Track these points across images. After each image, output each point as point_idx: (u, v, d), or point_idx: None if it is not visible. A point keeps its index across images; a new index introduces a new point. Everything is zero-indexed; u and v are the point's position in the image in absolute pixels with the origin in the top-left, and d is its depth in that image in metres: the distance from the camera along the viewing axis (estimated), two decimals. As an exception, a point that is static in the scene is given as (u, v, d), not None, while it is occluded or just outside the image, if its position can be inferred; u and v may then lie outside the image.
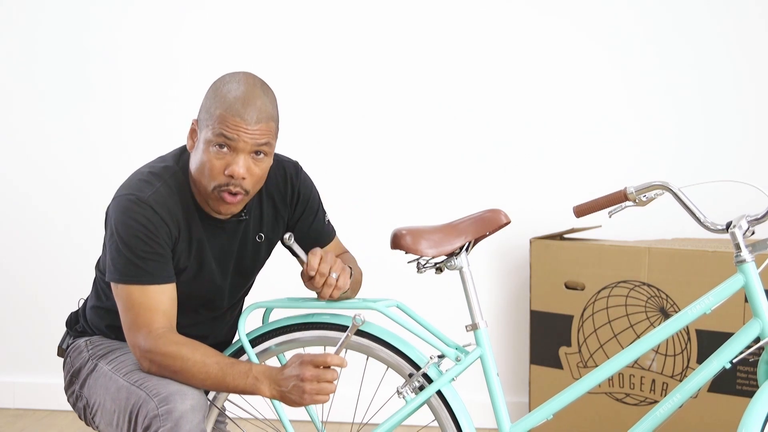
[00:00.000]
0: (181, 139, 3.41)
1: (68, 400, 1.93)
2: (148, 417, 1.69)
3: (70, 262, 3.26)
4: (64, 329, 2.03)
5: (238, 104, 1.70)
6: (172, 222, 1.76)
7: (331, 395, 1.70)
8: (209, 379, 1.71)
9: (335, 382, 1.70)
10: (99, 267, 1.93)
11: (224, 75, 1.78)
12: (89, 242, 3.23)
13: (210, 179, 1.73)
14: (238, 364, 1.72)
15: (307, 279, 1.78)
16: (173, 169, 1.81)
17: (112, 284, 1.77)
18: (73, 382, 1.90)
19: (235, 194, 1.73)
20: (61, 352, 1.99)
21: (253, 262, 1.94)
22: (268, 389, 1.71)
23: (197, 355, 1.71)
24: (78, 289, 2.19)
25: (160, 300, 1.74)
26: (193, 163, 1.77)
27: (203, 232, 1.82)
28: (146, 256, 1.72)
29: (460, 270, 1.85)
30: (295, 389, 1.68)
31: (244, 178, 1.71)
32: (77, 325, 1.99)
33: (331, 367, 1.70)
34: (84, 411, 1.88)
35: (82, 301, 2.04)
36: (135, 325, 1.73)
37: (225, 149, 1.70)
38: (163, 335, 1.72)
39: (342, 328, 1.87)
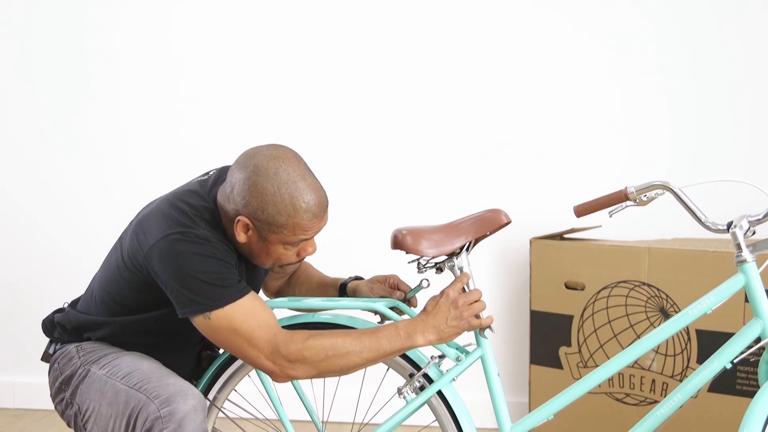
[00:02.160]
0: (182, 140, 3.41)
1: (56, 408, 1.89)
2: (149, 420, 1.68)
3: (70, 263, 3.26)
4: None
5: (313, 208, 1.72)
6: (229, 250, 1.76)
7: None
8: (365, 350, 1.70)
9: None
10: (107, 287, 1.88)
11: (275, 165, 1.72)
12: (88, 244, 3.23)
13: (279, 263, 1.81)
14: (382, 329, 1.74)
15: (391, 289, 1.98)
16: (210, 208, 1.79)
17: (202, 319, 1.70)
18: (63, 389, 1.86)
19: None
20: (47, 357, 1.94)
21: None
22: (422, 339, 1.74)
23: (335, 336, 1.71)
24: (77, 290, 2.18)
25: (259, 308, 1.72)
26: (253, 251, 1.79)
27: (240, 261, 1.84)
28: (226, 277, 1.71)
29: (461, 270, 1.85)
30: (455, 320, 1.75)
31: None
32: (55, 332, 1.94)
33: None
34: (75, 418, 1.84)
35: (66, 305, 1.97)
36: (257, 345, 1.69)
37: (297, 243, 1.77)
38: (292, 336, 1.71)
39: (340, 328, 1.87)
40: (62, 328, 1.93)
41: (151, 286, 1.77)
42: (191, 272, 1.68)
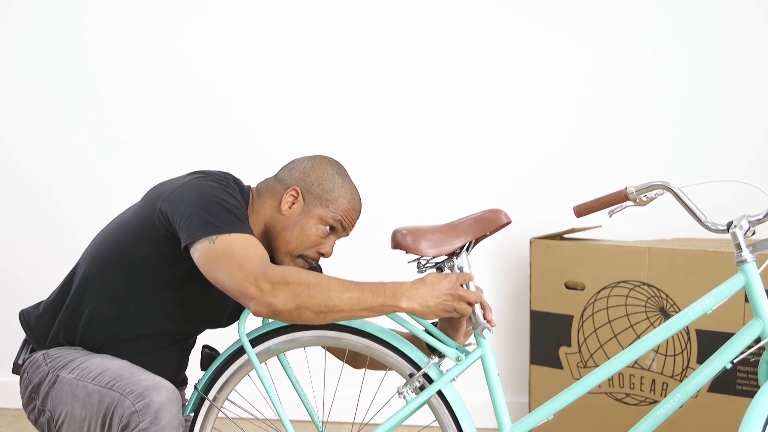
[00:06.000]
0: (185, 136, 3.40)
1: (29, 418, 1.89)
2: (125, 416, 1.69)
3: (70, 263, 3.26)
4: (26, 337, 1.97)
5: (357, 203, 1.93)
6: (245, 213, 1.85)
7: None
8: (347, 296, 1.67)
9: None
10: (103, 263, 1.91)
11: (338, 162, 1.95)
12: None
13: (301, 247, 1.88)
14: (368, 282, 1.72)
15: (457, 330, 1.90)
16: (240, 185, 1.93)
17: (207, 243, 1.70)
18: (33, 398, 1.86)
19: (310, 263, 1.91)
20: (17, 368, 1.93)
21: None
22: (407, 303, 1.71)
23: (321, 274, 1.71)
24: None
25: (258, 244, 1.74)
26: (288, 224, 1.88)
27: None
28: (243, 213, 1.79)
29: (461, 270, 1.85)
30: (443, 297, 1.73)
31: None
32: (32, 336, 1.94)
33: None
34: (48, 425, 1.84)
35: (43, 307, 1.97)
36: (245, 268, 1.67)
37: (329, 231, 1.89)
38: (281, 266, 1.73)
39: (339, 328, 1.87)
40: (34, 334, 1.93)
41: (140, 265, 1.81)
42: (213, 198, 1.76)
